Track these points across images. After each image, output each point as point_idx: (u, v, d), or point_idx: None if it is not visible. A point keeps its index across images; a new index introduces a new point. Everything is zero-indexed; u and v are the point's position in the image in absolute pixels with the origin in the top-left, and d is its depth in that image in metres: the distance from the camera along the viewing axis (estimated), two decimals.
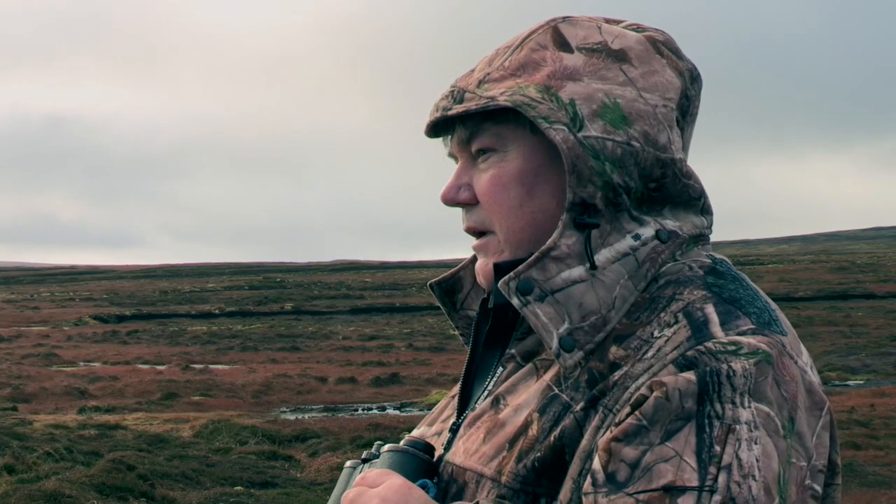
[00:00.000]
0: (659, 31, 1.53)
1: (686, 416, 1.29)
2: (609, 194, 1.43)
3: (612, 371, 1.38)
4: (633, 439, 1.30)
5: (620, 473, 1.29)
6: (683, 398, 1.30)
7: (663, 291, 1.42)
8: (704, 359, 1.32)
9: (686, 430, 1.29)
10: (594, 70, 1.46)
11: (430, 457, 1.48)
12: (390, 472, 1.42)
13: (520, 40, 1.51)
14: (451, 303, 1.64)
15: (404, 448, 1.47)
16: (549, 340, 1.41)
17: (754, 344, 1.33)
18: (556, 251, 1.42)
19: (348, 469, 1.52)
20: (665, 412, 1.30)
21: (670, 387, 1.30)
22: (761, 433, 1.29)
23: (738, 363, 1.31)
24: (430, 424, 1.61)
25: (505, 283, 1.42)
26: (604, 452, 1.31)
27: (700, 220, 1.51)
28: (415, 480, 1.42)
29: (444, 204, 1.54)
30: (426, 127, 1.55)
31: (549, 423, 1.39)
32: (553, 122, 1.42)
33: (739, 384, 1.30)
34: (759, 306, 1.41)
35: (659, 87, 1.47)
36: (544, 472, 1.37)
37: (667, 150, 1.46)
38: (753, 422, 1.29)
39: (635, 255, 1.44)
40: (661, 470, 1.27)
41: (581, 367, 1.41)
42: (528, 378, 1.46)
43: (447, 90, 1.53)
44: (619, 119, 1.43)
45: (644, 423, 1.30)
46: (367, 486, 1.40)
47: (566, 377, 1.41)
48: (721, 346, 1.33)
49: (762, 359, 1.32)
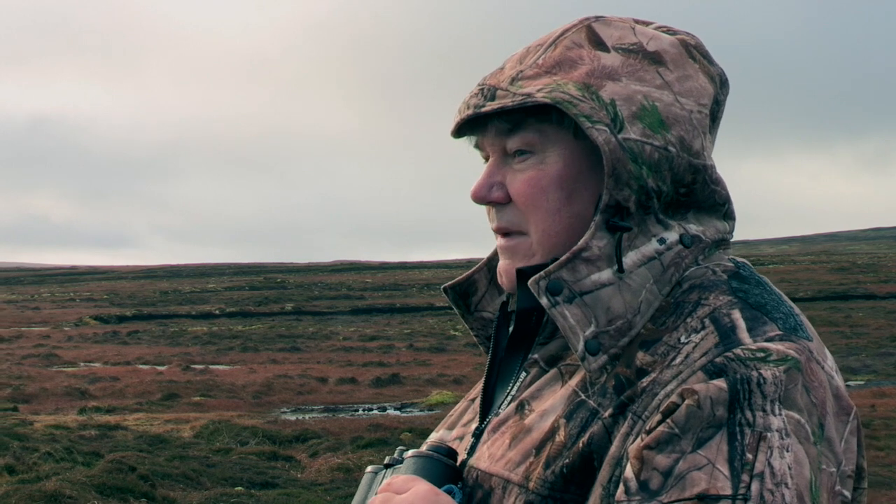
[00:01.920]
0: (690, 34, 1.52)
1: (717, 424, 1.29)
2: (641, 198, 1.42)
3: (640, 377, 1.37)
4: (665, 447, 1.29)
5: (653, 482, 1.28)
6: (715, 406, 1.29)
7: (688, 296, 1.42)
8: (734, 366, 1.31)
9: (718, 438, 1.28)
10: (632, 71, 1.44)
11: (455, 462, 1.46)
12: (416, 477, 1.40)
13: (553, 38, 1.49)
14: (465, 305, 1.62)
15: (429, 453, 1.45)
16: (574, 343, 1.40)
17: (783, 350, 1.33)
18: (587, 252, 1.41)
19: (370, 474, 1.51)
20: (697, 420, 1.29)
21: (702, 395, 1.30)
22: (792, 440, 1.28)
23: (769, 370, 1.31)
24: (449, 428, 1.60)
25: (535, 281, 1.41)
26: (636, 460, 1.30)
27: (723, 224, 1.50)
28: (440, 486, 1.40)
29: (475, 202, 1.51)
30: (454, 126, 1.52)
31: (576, 430, 1.38)
32: (595, 121, 1.40)
33: (770, 391, 1.29)
34: (784, 311, 1.40)
35: (694, 93, 1.46)
36: (573, 478, 1.36)
37: (700, 156, 1.45)
38: (784, 429, 1.28)
39: (660, 259, 1.43)
40: (695, 478, 1.26)
41: (607, 372, 1.40)
42: (552, 383, 1.45)
43: (476, 88, 1.49)
44: (657, 123, 1.42)
45: (676, 432, 1.29)
46: (394, 493, 1.38)
47: (592, 383, 1.40)
48: (750, 353, 1.32)
49: (792, 365, 1.32)
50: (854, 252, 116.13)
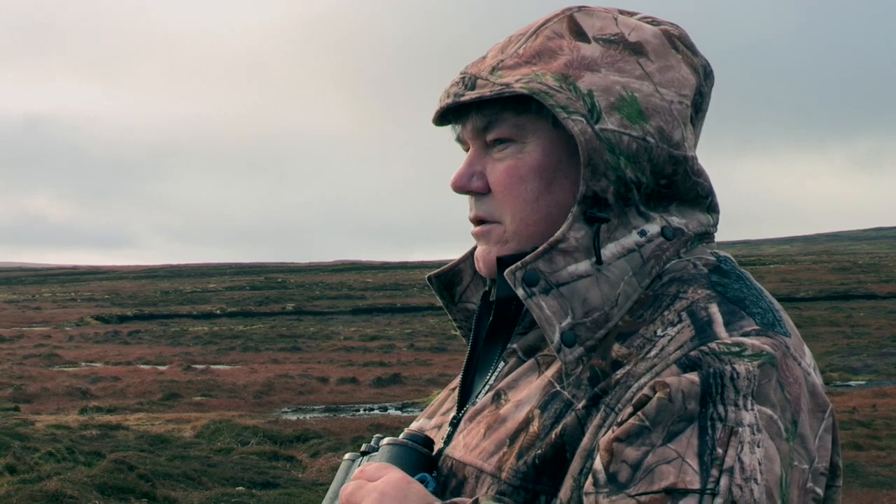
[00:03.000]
0: (674, 25, 1.52)
1: (688, 418, 1.28)
2: (620, 189, 1.42)
3: (615, 369, 1.36)
4: (634, 440, 1.29)
5: (622, 474, 1.28)
6: (686, 399, 1.29)
7: (667, 289, 1.41)
8: (708, 360, 1.31)
9: (688, 432, 1.27)
10: (612, 62, 1.44)
11: (430, 451, 1.46)
12: (389, 465, 1.40)
13: (534, 28, 1.49)
14: (449, 295, 1.62)
15: (403, 441, 1.46)
16: (550, 334, 1.39)
17: (758, 345, 1.32)
18: (564, 244, 1.41)
19: (347, 462, 1.51)
20: (667, 413, 1.29)
21: (673, 388, 1.29)
22: (764, 436, 1.28)
23: (742, 365, 1.30)
24: (429, 417, 1.60)
25: (511, 272, 1.41)
26: (605, 452, 1.30)
27: (706, 217, 1.50)
28: (414, 474, 1.41)
29: (455, 191, 1.51)
30: (435, 114, 1.52)
31: (550, 420, 1.37)
32: (571, 112, 1.40)
33: (742, 386, 1.29)
34: (763, 306, 1.39)
35: (675, 83, 1.46)
36: (545, 469, 1.36)
37: (680, 147, 1.45)
38: (756, 424, 1.28)
39: (640, 251, 1.43)
40: (663, 471, 1.26)
41: (583, 364, 1.40)
42: (529, 374, 1.45)
43: (457, 77, 1.50)
44: (635, 113, 1.42)
45: (646, 424, 1.29)
46: (366, 480, 1.38)
47: (568, 374, 1.40)
48: (725, 348, 1.32)
49: (766, 361, 1.31)
50: (855, 252, 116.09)
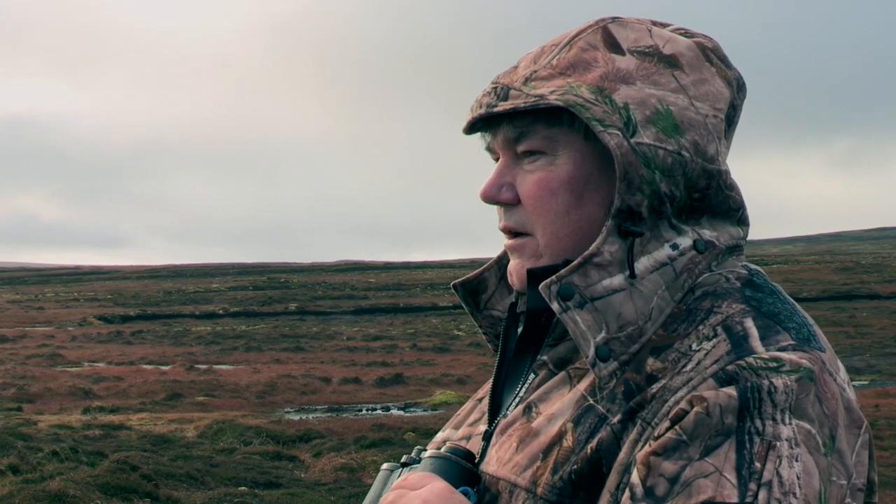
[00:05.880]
0: (707, 37, 1.50)
1: (726, 432, 1.27)
2: (654, 203, 1.41)
3: (650, 383, 1.36)
4: (672, 454, 1.28)
5: (659, 488, 1.27)
6: (724, 414, 1.28)
7: (701, 303, 1.40)
8: (745, 374, 1.30)
9: (726, 446, 1.27)
10: (647, 74, 1.43)
11: (472, 465, 1.45)
12: (433, 475, 1.40)
13: (568, 39, 1.47)
14: (474, 303, 1.61)
15: (446, 455, 1.45)
16: (585, 349, 1.38)
17: (795, 360, 1.31)
18: (598, 257, 1.40)
19: (385, 471, 1.50)
20: (705, 427, 1.28)
21: (711, 402, 1.28)
22: (802, 450, 1.27)
23: (780, 379, 1.29)
24: (455, 427, 1.59)
25: (546, 286, 1.40)
26: (643, 466, 1.29)
27: (737, 230, 1.49)
28: (456, 487, 1.40)
29: (484, 201, 1.50)
30: (465, 123, 1.50)
31: (584, 435, 1.36)
32: (607, 125, 1.39)
33: (780, 401, 1.28)
34: (797, 321, 1.39)
35: (710, 97, 1.44)
36: (581, 484, 1.35)
37: (714, 161, 1.43)
38: (794, 439, 1.27)
39: (673, 265, 1.42)
40: (701, 485, 1.25)
41: (617, 378, 1.39)
42: (561, 386, 1.44)
43: (489, 86, 1.48)
44: (671, 127, 1.40)
45: (684, 438, 1.28)
46: (408, 489, 1.38)
47: (601, 388, 1.39)
48: (762, 362, 1.31)
49: (804, 375, 1.30)
50: (858, 252, 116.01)
